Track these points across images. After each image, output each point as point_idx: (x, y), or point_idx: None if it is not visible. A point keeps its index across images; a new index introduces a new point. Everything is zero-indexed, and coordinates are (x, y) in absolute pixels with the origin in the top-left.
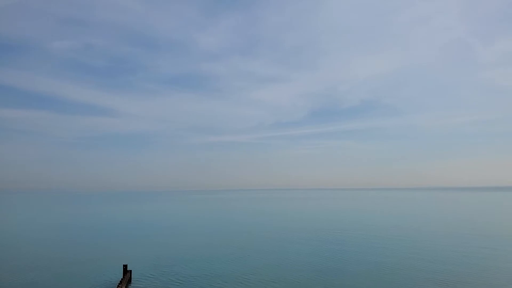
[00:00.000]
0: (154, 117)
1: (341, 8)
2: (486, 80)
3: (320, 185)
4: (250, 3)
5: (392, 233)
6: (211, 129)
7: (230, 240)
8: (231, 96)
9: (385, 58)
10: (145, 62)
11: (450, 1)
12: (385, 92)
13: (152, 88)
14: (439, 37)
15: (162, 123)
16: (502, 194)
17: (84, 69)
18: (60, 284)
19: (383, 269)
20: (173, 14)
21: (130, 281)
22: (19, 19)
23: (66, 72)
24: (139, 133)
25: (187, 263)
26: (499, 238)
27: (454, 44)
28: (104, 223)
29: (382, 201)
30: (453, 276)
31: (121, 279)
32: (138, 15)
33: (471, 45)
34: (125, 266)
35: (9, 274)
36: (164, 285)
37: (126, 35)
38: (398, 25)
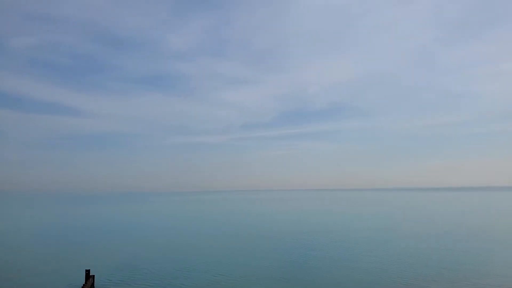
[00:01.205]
0: (123, 117)
1: (309, 13)
2: (444, 85)
3: (289, 186)
4: (220, 5)
5: (356, 235)
6: (181, 130)
7: (197, 243)
8: (201, 96)
9: (351, 62)
10: (114, 61)
11: (412, 9)
12: (352, 95)
13: (121, 88)
14: (401, 43)
15: (132, 124)
16: (462, 194)
17: (49, 67)
18: None
19: (349, 271)
20: (142, 13)
21: (93, 286)
22: None
23: (29, 69)
24: (108, 134)
25: (154, 267)
26: (457, 236)
27: (415, 50)
28: (67, 226)
29: (347, 202)
30: (417, 275)
31: (83, 284)
32: (106, 12)
33: (431, 51)
34: (87, 271)
35: None
36: None
37: (94, 33)
38: (363, 31)
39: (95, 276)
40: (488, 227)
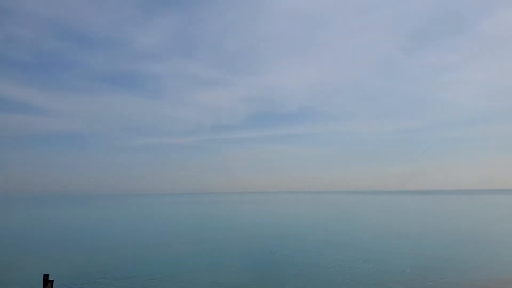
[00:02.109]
0: (88, 117)
1: (279, 18)
2: (407, 92)
3: (258, 189)
4: (191, 4)
5: (317, 237)
6: (150, 131)
7: (161, 246)
8: (170, 97)
9: (320, 67)
10: (77, 58)
11: (375, 17)
12: (321, 100)
13: (85, 86)
14: (366, 50)
15: (97, 124)
16: (425, 198)
17: (6, 62)
18: None
19: (313, 272)
20: (108, 10)
21: None
22: None
23: None
24: (71, 133)
25: (115, 271)
26: (418, 237)
27: (379, 57)
28: (25, 229)
29: (312, 204)
30: (378, 277)
31: None
32: (69, 8)
33: (394, 59)
34: (46, 276)
35: None
36: None
37: (56, 29)
38: (330, 37)
39: (53, 282)
40: (448, 228)
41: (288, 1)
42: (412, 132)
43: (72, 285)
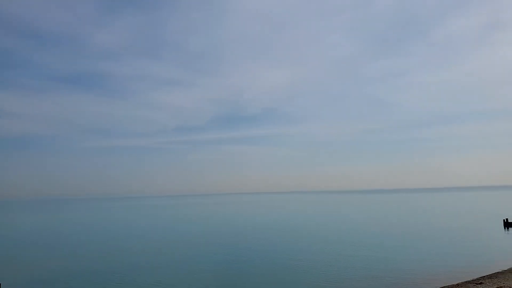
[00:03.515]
0: (43, 118)
1: (244, 20)
2: (369, 94)
3: (222, 190)
4: (154, 4)
5: (285, 237)
6: (109, 132)
7: (119, 251)
8: (131, 98)
9: (284, 69)
10: (31, 57)
11: (338, 21)
12: (284, 101)
13: (40, 86)
14: (329, 53)
15: (53, 125)
16: (386, 196)
17: None
18: None
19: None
20: (68, 7)
21: None
22: None
23: None
24: (24, 135)
25: (68, 277)
26: (380, 235)
27: (342, 60)
28: None
29: (277, 204)
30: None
31: None
32: (23, 4)
33: (356, 62)
34: None
35: None
36: None
37: (8, 26)
38: (294, 40)
39: (1, 284)
40: (404, 225)
41: (253, 3)
42: (371, 133)
43: None
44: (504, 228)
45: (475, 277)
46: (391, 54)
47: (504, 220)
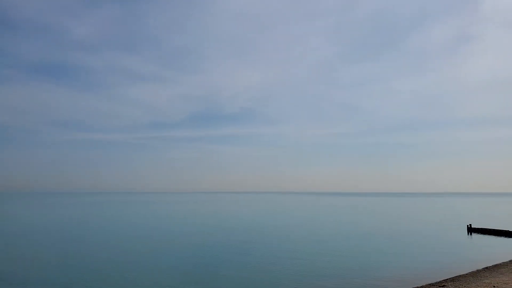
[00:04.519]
0: (8, 108)
1: (225, 18)
2: (343, 98)
3: (197, 189)
4: None
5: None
6: (80, 126)
7: (81, 249)
8: (104, 91)
9: (262, 70)
10: (3, 45)
11: (317, 25)
12: (261, 102)
13: (6, 75)
14: (307, 56)
15: (19, 116)
16: (354, 199)
17: None
18: None
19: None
20: None
21: None
22: None
23: None
24: None
25: (27, 277)
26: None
27: (319, 64)
28: None
29: (251, 204)
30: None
31: None
32: None
33: (333, 66)
34: None
35: None
36: None
37: None
38: (274, 41)
39: None
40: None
41: (236, 3)
42: (343, 137)
43: None
44: (468, 233)
45: (438, 280)
46: (368, 60)
47: (467, 225)
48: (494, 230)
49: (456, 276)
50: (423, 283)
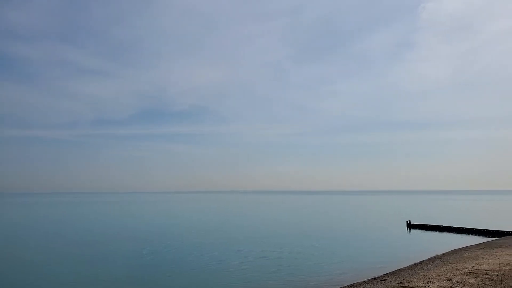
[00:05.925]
0: None
1: (175, 14)
2: (294, 99)
3: (141, 189)
4: None
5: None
6: (14, 122)
7: (22, 252)
8: (42, 84)
9: (213, 69)
10: None
11: (268, 26)
12: (212, 100)
13: None
14: (259, 57)
15: None
16: (311, 198)
17: None
18: None
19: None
20: None
21: None
22: None
23: None
24: None
25: None
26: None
27: (271, 64)
28: None
29: (197, 204)
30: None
31: None
32: None
33: (284, 67)
34: None
35: None
36: None
37: None
38: (228, 40)
39: None
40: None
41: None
42: (293, 137)
43: None
44: (407, 229)
45: (380, 274)
46: (316, 62)
47: (407, 222)
48: (430, 225)
49: (396, 270)
50: (366, 277)
